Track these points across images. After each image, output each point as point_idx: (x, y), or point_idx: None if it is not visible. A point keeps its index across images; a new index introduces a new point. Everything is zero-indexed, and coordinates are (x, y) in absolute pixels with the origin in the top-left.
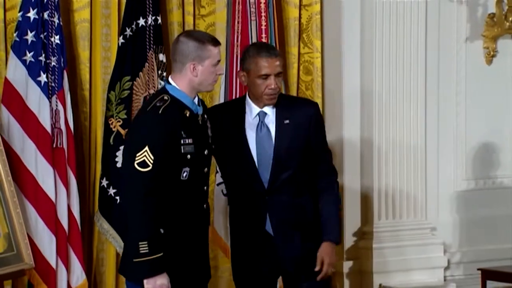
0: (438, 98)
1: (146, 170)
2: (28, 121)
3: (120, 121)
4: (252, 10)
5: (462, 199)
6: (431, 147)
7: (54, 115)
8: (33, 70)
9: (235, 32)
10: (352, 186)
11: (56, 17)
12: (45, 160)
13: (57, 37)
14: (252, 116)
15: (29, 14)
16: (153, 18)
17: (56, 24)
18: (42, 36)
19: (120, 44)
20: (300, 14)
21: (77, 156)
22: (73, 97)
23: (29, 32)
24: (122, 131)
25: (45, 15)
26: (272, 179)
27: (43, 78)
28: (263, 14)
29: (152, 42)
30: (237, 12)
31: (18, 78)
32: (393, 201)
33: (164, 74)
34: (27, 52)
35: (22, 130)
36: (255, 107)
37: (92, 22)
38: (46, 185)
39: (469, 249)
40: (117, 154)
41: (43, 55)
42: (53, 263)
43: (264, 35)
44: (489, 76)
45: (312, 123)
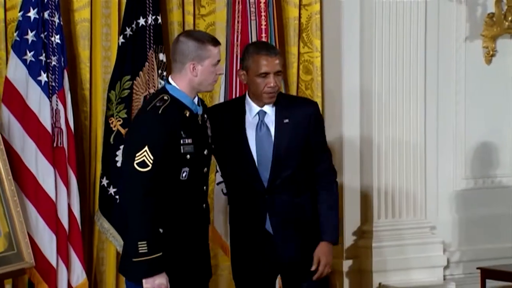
0: (438, 98)
1: (146, 170)
2: (29, 121)
3: (120, 121)
4: (252, 10)
5: (462, 198)
6: (431, 146)
7: (55, 115)
8: (34, 70)
9: (235, 32)
10: (352, 186)
11: (57, 17)
12: (46, 160)
13: (58, 37)
14: (252, 115)
15: (30, 14)
16: (153, 18)
17: (57, 24)
18: (43, 36)
19: (120, 44)
20: (300, 14)
21: (78, 156)
22: (74, 97)
23: (30, 32)
24: (122, 131)
25: (46, 15)
26: (272, 178)
27: (44, 78)
28: (263, 14)
29: (152, 42)
30: (237, 12)
31: (19, 78)
32: (393, 200)
33: (164, 74)
34: (28, 52)
35: (23, 130)
36: (255, 106)
37: (92, 22)
38: (47, 184)
39: (469, 248)
40: (117, 154)
41: (44, 55)
42: (54, 262)
43: (264, 35)
44: (489, 76)
45: (312, 123)
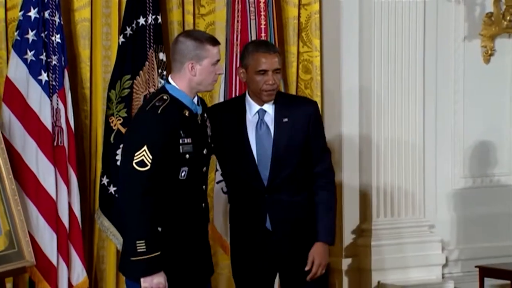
0: (436, 97)
1: (144, 170)
2: (29, 120)
3: (121, 120)
4: (252, 9)
5: (460, 197)
6: (429, 145)
7: (55, 114)
8: (34, 69)
9: (235, 31)
10: (351, 184)
11: (57, 16)
12: (46, 158)
13: (58, 36)
14: (252, 114)
15: (30, 13)
16: (153, 17)
17: (57, 23)
18: (43, 35)
19: (121, 43)
20: (299, 13)
21: (78, 154)
22: (74, 96)
23: (30, 31)
24: (123, 130)
25: (46, 14)
26: (272, 177)
27: (44, 77)
28: (263, 13)
29: (152, 41)
30: (237, 11)
31: (19, 77)
32: (392, 199)
33: (164, 73)
34: (28, 51)
35: (23, 129)
36: (255, 105)
37: (93, 21)
38: (47, 183)
39: (467, 247)
40: (118, 152)
41: (44, 54)
42: (54, 261)
43: (264, 34)
44: (487, 75)
45: (311, 122)
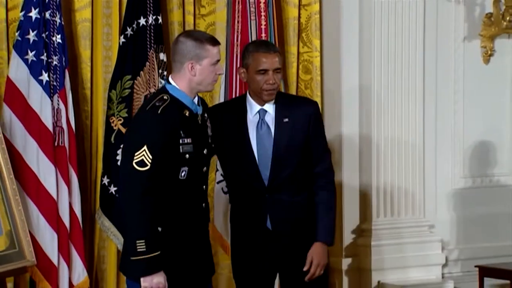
0: (436, 97)
1: (144, 169)
2: (30, 120)
3: (121, 120)
4: (252, 10)
5: (460, 197)
6: (429, 145)
7: (56, 114)
8: (35, 69)
9: (235, 32)
10: (351, 184)
11: (58, 17)
12: (47, 158)
13: (59, 37)
14: (253, 114)
15: (31, 14)
16: (154, 18)
17: (58, 24)
18: (44, 36)
19: (121, 43)
20: (300, 14)
21: (79, 154)
22: (75, 96)
23: (31, 32)
24: (123, 130)
25: (47, 15)
26: (272, 177)
27: (45, 77)
28: (263, 14)
29: (153, 42)
30: (237, 12)
31: (20, 77)
32: (392, 199)
33: (165, 73)
34: (29, 51)
35: (24, 129)
36: (256, 105)
37: (93, 22)
38: (48, 183)
39: (467, 247)
40: (118, 153)
41: (45, 54)
42: (55, 260)
43: (264, 35)
44: (487, 75)
45: (312, 122)
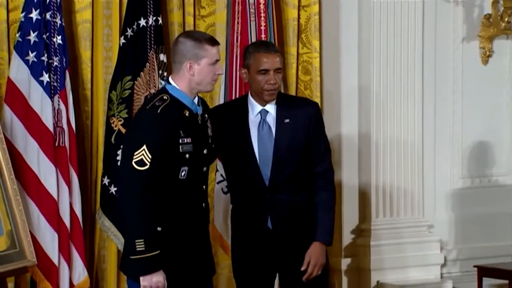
0: (435, 97)
1: (144, 169)
2: (31, 120)
3: (121, 120)
4: (252, 11)
5: (459, 197)
6: (428, 145)
7: (56, 114)
8: (36, 70)
9: (235, 33)
10: (350, 185)
11: (58, 18)
12: (48, 159)
13: (59, 38)
14: (254, 114)
15: (32, 15)
16: (154, 19)
17: (58, 25)
18: (45, 37)
19: (121, 44)
20: (299, 15)
21: (79, 155)
22: (75, 97)
23: (32, 33)
24: (123, 130)
25: (48, 16)
26: (273, 177)
27: (46, 78)
28: (263, 15)
29: (153, 42)
30: (237, 13)
31: (21, 78)
32: (391, 199)
33: (165, 74)
34: (30, 52)
35: (25, 129)
36: (257, 105)
37: (94, 23)
38: (49, 183)
39: (466, 247)
40: (118, 153)
41: (46, 55)
42: (55, 260)
43: (264, 36)
44: (485, 76)
45: (312, 123)
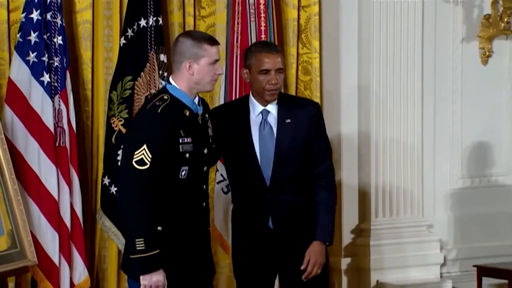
0: (435, 97)
1: (144, 168)
2: (31, 121)
3: (122, 120)
4: (252, 11)
5: (458, 197)
6: (428, 145)
7: (57, 115)
8: (36, 70)
9: (235, 33)
10: (350, 185)
11: (59, 18)
12: (48, 159)
13: (60, 38)
14: (255, 114)
15: (32, 15)
16: (154, 19)
17: (59, 25)
18: (45, 37)
19: (122, 45)
20: (299, 15)
21: (80, 155)
22: (76, 97)
23: (32, 33)
24: (124, 130)
25: (48, 16)
26: (274, 177)
27: (46, 78)
28: (263, 15)
29: (153, 43)
30: (237, 13)
31: (22, 78)
32: (390, 199)
33: (165, 74)
34: (30, 53)
35: (26, 129)
36: (258, 105)
37: (94, 23)
38: (49, 183)
39: (465, 246)
40: (119, 153)
41: (46, 56)
42: (56, 260)
43: (264, 36)
44: (485, 76)
45: (314, 123)
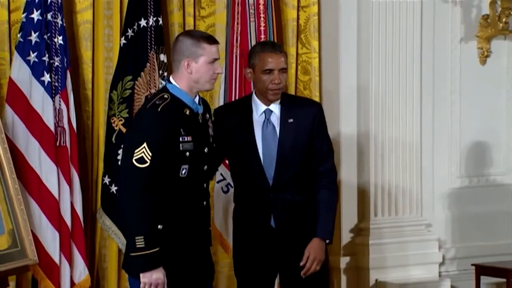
0: (433, 97)
1: (144, 166)
2: (32, 120)
3: (122, 120)
4: (251, 12)
5: (456, 196)
6: (426, 145)
7: (58, 114)
8: (37, 70)
9: (235, 33)
10: (349, 184)
11: (59, 18)
12: (49, 158)
13: (60, 38)
14: (258, 114)
15: (33, 15)
16: (154, 19)
17: (59, 25)
18: (46, 37)
19: (122, 45)
20: (298, 15)
21: (80, 154)
22: (76, 97)
23: (33, 33)
24: (124, 130)
25: (49, 16)
26: (276, 177)
27: (47, 78)
28: (262, 15)
29: (153, 43)
30: (237, 14)
31: (22, 78)
32: (389, 198)
33: (165, 74)
34: (31, 53)
35: (26, 129)
36: (261, 105)
37: (95, 23)
38: (50, 183)
39: (463, 245)
40: (119, 152)
41: (47, 56)
42: (57, 259)
43: (263, 36)
44: (483, 76)
45: (316, 123)
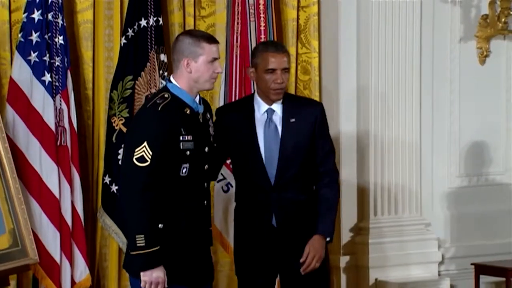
0: (433, 97)
1: (144, 165)
2: (33, 120)
3: (123, 120)
4: (251, 11)
5: (456, 196)
6: (426, 144)
7: (58, 114)
8: (38, 70)
9: (235, 33)
10: (349, 184)
11: (60, 18)
12: (49, 158)
13: (61, 38)
14: (261, 113)
15: (34, 15)
16: (155, 19)
17: (60, 25)
18: (47, 37)
19: (122, 45)
20: (298, 15)
21: (81, 154)
22: (77, 96)
23: (34, 33)
24: (125, 129)
25: (49, 16)
26: (278, 176)
27: (47, 78)
28: (262, 15)
29: (154, 43)
30: (237, 13)
31: (23, 78)
32: (389, 198)
33: (165, 74)
34: (32, 52)
35: (27, 129)
36: (264, 104)
37: (95, 23)
38: (50, 182)
39: (463, 245)
40: (120, 152)
41: (47, 55)
42: (57, 258)
43: (263, 36)
44: (482, 76)
45: (317, 123)
